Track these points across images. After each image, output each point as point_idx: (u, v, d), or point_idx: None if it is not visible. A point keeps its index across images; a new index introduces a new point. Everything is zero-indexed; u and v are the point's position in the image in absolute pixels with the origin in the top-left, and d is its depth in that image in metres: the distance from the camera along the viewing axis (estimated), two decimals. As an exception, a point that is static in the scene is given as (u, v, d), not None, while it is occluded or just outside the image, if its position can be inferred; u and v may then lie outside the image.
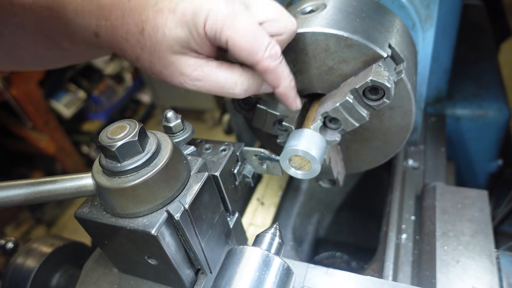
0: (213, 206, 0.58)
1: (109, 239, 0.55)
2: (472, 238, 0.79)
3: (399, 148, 0.78)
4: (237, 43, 0.55)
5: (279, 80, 0.61)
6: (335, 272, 0.65)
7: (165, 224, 0.50)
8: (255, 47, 0.56)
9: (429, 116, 1.25)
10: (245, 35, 0.55)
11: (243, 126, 1.43)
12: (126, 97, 4.01)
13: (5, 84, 2.78)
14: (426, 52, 0.89)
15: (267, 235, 0.59)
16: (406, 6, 0.79)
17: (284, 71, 0.60)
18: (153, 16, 0.54)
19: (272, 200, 1.20)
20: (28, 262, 0.80)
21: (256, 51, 0.56)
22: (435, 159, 1.09)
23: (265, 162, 0.71)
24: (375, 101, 0.64)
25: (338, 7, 0.71)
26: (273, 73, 0.59)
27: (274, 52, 0.57)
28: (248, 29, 0.55)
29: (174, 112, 0.62)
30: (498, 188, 1.32)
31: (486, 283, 0.71)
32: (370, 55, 0.65)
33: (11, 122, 3.22)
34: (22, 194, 0.50)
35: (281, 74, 0.60)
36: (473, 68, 1.40)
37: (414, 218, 0.93)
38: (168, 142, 0.53)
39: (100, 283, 0.62)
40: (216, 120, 3.95)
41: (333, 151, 0.77)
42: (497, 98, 1.27)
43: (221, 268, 0.53)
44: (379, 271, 0.88)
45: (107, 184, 0.49)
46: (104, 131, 0.50)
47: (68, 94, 3.46)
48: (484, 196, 0.86)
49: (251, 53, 0.56)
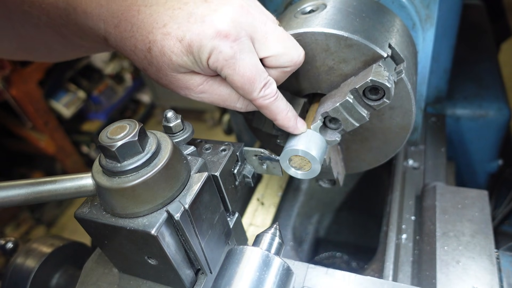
0: (213, 206, 0.58)
1: (109, 239, 0.55)
2: (472, 238, 0.79)
3: (399, 148, 0.78)
4: (235, 82, 0.58)
5: (275, 115, 0.64)
6: (335, 272, 0.65)
7: (165, 224, 0.50)
8: (250, 88, 0.59)
9: (429, 116, 1.25)
10: (243, 76, 0.57)
11: (243, 126, 1.43)
12: (126, 97, 4.00)
13: (5, 84, 2.78)
14: (426, 52, 0.89)
15: (267, 235, 0.59)
16: (406, 6, 0.79)
17: (279, 106, 0.64)
18: (161, 39, 0.55)
19: (272, 200, 1.20)
20: (28, 262, 0.80)
21: (251, 92, 0.59)
22: (435, 159, 1.09)
23: (265, 162, 0.71)
24: (375, 101, 0.64)
25: (338, 7, 0.71)
26: (268, 109, 0.63)
27: (269, 91, 0.61)
28: (246, 71, 0.57)
29: (174, 112, 0.61)
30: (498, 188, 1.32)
31: (486, 283, 0.71)
32: (370, 55, 0.65)
33: (11, 122, 3.22)
34: (22, 194, 0.50)
35: (275, 110, 0.63)
36: (473, 68, 1.40)
37: (414, 218, 0.93)
38: (168, 142, 0.53)
39: (100, 283, 0.62)
40: (216, 120, 3.95)
41: (333, 151, 0.77)
42: (497, 98, 1.27)
43: (221, 268, 0.53)
44: (379, 271, 0.88)
45: (107, 184, 0.48)
46: (104, 131, 0.50)
47: (68, 94, 3.45)
48: (484, 196, 0.86)
49: (247, 92, 0.60)
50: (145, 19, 0.56)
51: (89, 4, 0.58)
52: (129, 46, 0.58)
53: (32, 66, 2.92)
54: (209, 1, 0.56)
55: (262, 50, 0.59)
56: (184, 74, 0.60)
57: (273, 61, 0.60)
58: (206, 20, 0.54)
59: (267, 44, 0.59)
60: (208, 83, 0.62)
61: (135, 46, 0.58)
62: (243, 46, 0.56)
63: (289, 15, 0.75)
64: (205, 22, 0.54)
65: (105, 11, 0.58)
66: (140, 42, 0.57)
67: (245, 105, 0.66)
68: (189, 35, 0.54)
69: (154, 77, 0.62)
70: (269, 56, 0.60)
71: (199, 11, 0.55)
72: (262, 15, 0.59)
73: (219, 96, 0.64)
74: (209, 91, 0.63)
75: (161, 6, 0.56)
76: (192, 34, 0.54)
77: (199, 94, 0.63)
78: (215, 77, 0.62)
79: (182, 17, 0.55)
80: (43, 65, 3.01)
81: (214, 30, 0.54)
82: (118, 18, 0.57)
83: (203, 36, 0.54)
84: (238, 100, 0.65)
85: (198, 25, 0.54)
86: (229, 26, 0.54)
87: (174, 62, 0.57)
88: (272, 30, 0.59)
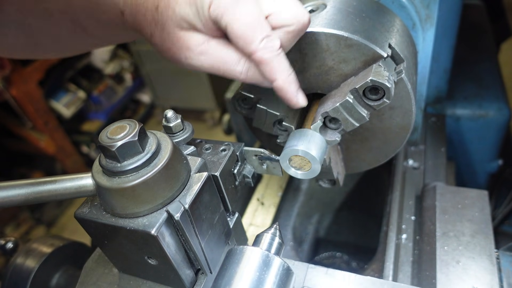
0: (213, 206, 0.58)
1: (109, 239, 0.55)
2: (472, 238, 0.79)
3: (399, 148, 0.78)
4: (234, 30, 0.56)
5: (274, 73, 0.59)
6: (335, 272, 0.65)
7: (165, 224, 0.50)
8: (250, 37, 0.56)
9: (429, 116, 1.25)
10: (243, 23, 0.55)
11: (243, 126, 1.43)
12: (126, 97, 4.00)
13: (5, 84, 2.78)
14: (426, 52, 0.89)
15: (267, 235, 0.59)
16: (406, 6, 0.79)
17: (281, 65, 0.59)
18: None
19: (272, 200, 1.20)
20: (28, 262, 0.80)
21: (250, 41, 0.56)
22: (435, 159, 1.09)
23: (265, 162, 0.71)
24: (375, 101, 0.64)
25: (338, 7, 0.71)
26: (268, 66, 0.58)
27: (271, 44, 0.57)
28: (247, 18, 0.55)
29: (174, 112, 0.61)
30: (498, 188, 1.32)
31: (486, 283, 0.71)
32: (370, 55, 0.65)
33: (11, 122, 3.22)
34: (22, 194, 0.50)
35: (277, 68, 0.59)
36: (473, 68, 1.40)
37: (414, 218, 0.93)
38: (168, 142, 0.53)
39: (100, 283, 0.62)
40: (216, 120, 3.95)
41: (333, 151, 0.77)
42: (497, 98, 1.27)
43: (221, 268, 0.53)
44: (379, 271, 0.88)
45: (107, 184, 0.48)
46: (104, 131, 0.50)
47: (68, 94, 3.45)
48: (484, 196, 0.86)
49: (246, 42, 0.57)
50: None
51: None
52: (142, 10, 0.61)
53: (32, 66, 2.92)
54: None
55: (263, 4, 0.58)
56: (186, 32, 0.60)
57: (275, 18, 0.58)
58: None
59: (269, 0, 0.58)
60: (209, 44, 0.60)
61: (146, 8, 0.60)
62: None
63: (289, 15, 0.75)
64: None
65: None
66: (150, 4, 0.60)
67: (246, 68, 0.62)
68: None
69: (159, 41, 0.62)
70: (271, 13, 0.58)
71: None
72: None
73: (219, 58, 0.61)
74: (209, 52, 0.61)
75: None
76: None
77: (199, 55, 0.61)
78: (215, 39, 0.61)
79: None
80: (43, 65, 3.01)
81: None
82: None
83: None
84: (239, 62, 0.61)
85: None
86: None
87: (177, 14, 0.58)
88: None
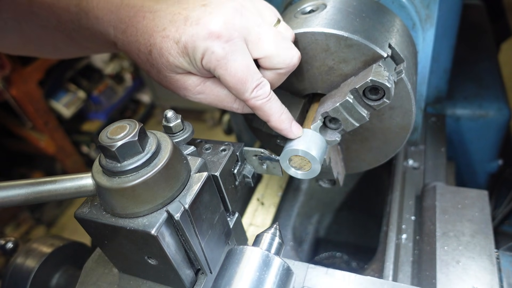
0: (213, 206, 0.58)
1: (109, 239, 0.55)
2: (472, 238, 0.79)
3: (399, 148, 0.78)
4: (227, 82, 0.60)
5: (268, 116, 0.65)
6: (335, 272, 0.65)
7: (165, 224, 0.50)
8: (242, 89, 0.60)
9: (429, 116, 1.25)
10: (234, 76, 0.59)
11: (243, 126, 1.42)
12: (126, 97, 4.00)
13: (5, 84, 2.77)
14: (426, 52, 0.89)
15: (267, 235, 0.59)
16: (406, 6, 0.79)
17: (272, 108, 0.64)
18: (159, 41, 0.58)
19: (272, 200, 1.20)
20: (28, 262, 0.80)
21: (243, 92, 0.60)
22: (435, 159, 1.09)
23: (265, 162, 0.71)
24: (375, 101, 0.64)
25: (338, 7, 0.71)
26: (261, 110, 0.64)
27: (262, 92, 0.61)
28: (237, 73, 0.59)
29: (174, 112, 0.62)
30: (498, 188, 1.32)
31: (486, 283, 0.71)
32: (370, 55, 0.65)
33: (11, 122, 3.22)
34: (22, 194, 0.50)
35: (268, 111, 0.64)
36: (473, 68, 1.40)
37: (414, 218, 0.93)
38: (168, 142, 0.53)
39: (100, 283, 0.62)
40: (216, 120, 3.94)
41: (333, 151, 0.77)
42: (497, 98, 1.27)
43: (221, 268, 0.53)
44: (379, 271, 0.88)
45: (107, 184, 0.48)
46: (104, 131, 0.50)
47: (68, 94, 3.45)
48: (484, 196, 0.86)
49: (239, 93, 0.61)
50: (148, 24, 0.59)
51: (101, 10, 0.62)
52: (134, 49, 0.62)
53: (32, 66, 2.92)
54: (206, 5, 0.58)
55: (255, 50, 0.60)
56: (182, 75, 0.62)
57: (267, 62, 0.62)
58: (200, 22, 0.57)
59: (259, 45, 0.60)
60: (205, 84, 0.64)
61: (139, 49, 0.61)
62: (235, 47, 0.58)
63: (289, 15, 0.75)
64: (199, 24, 0.56)
65: (114, 18, 0.61)
66: (143, 45, 0.60)
67: (242, 106, 0.67)
68: (185, 37, 0.57)
69: (156, 79, 0.65)
70: (262, 57, 0.61)
71: (195, 15, 0.57)
72: (257, 17, 0.61)
73: (216, 96, 0.66)
74: (206, 91, 0.65)
75: (164, 11, 0.59)
76: (187, 36, 0.57)
77: (197, 95, 0.65)
78: (211, 78, 0.64)
79: (180, 21, 0.57)
80: (43, 65, 3.01)
81: (207, 31, 0.56)
82: (125, 24, 0.61)
83: (197, 37, 0.56)
84: (235, 101, 0.67)
85: (193, 27, 0.57)
86: (222, 27, 0.56)
87: (171, 63, 0.60)
88: (266, 32, 0.60)
